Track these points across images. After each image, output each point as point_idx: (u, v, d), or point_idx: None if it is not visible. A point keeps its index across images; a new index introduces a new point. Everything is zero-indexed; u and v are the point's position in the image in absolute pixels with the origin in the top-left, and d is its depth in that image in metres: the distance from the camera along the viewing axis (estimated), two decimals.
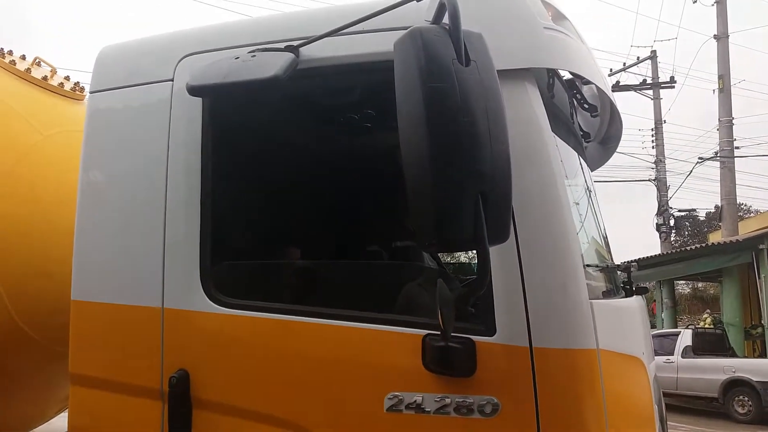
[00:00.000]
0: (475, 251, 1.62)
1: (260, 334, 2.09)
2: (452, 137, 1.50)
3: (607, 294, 2.46)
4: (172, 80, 2.34)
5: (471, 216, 1.51)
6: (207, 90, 2.05)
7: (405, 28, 1.82)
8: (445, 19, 1.66)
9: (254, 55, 2.06)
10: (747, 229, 19.11)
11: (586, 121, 2.82)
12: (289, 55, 2.03)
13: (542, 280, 1.84)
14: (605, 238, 2.88)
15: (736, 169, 19.67)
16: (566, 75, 2.36)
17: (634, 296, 2.84)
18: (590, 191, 2.71)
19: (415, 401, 1.86)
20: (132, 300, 2.25)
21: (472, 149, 1.51)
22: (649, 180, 24.06)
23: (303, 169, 2.77)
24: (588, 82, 2.47)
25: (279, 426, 2.00)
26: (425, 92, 1.53)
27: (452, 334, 1.76)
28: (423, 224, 1.57)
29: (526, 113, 1.95)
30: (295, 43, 2.10)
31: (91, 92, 2.51)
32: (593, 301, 1.89)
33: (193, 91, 2.04)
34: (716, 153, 20.05)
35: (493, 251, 1.69)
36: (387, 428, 1.89)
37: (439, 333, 1.81)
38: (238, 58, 2.07)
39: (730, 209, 19.58)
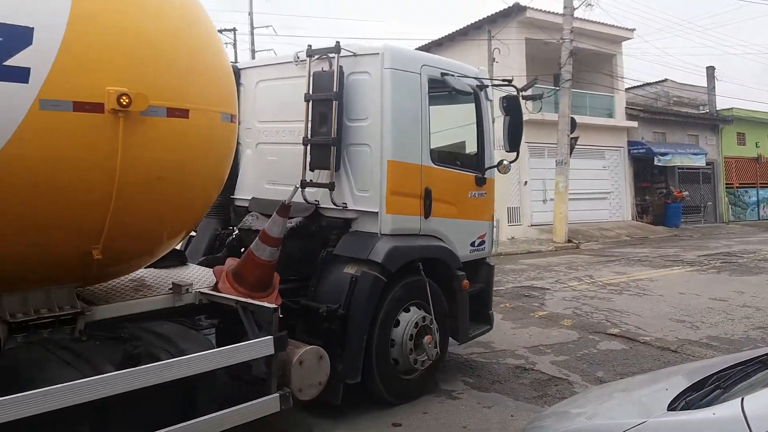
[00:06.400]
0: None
1: (443, 173, 5.97)
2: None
3: None
4: (419, 74, 5.53)
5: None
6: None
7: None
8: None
9: (454, 77, 5.99)
10: None
11: None
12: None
13: None
14: None
15: None
16: None
17: None
18: None
19: (480, 194, 6.51)
20: (412, 160, 5.60)
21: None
22: None
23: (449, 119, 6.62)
24: None
25: (440, 202, 5.94)
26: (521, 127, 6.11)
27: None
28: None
29: None
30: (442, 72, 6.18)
31: (391, 69, 5.31)
32: None
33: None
34: None
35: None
36: (471, 202, 6.33)
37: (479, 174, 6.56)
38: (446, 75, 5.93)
39: None
